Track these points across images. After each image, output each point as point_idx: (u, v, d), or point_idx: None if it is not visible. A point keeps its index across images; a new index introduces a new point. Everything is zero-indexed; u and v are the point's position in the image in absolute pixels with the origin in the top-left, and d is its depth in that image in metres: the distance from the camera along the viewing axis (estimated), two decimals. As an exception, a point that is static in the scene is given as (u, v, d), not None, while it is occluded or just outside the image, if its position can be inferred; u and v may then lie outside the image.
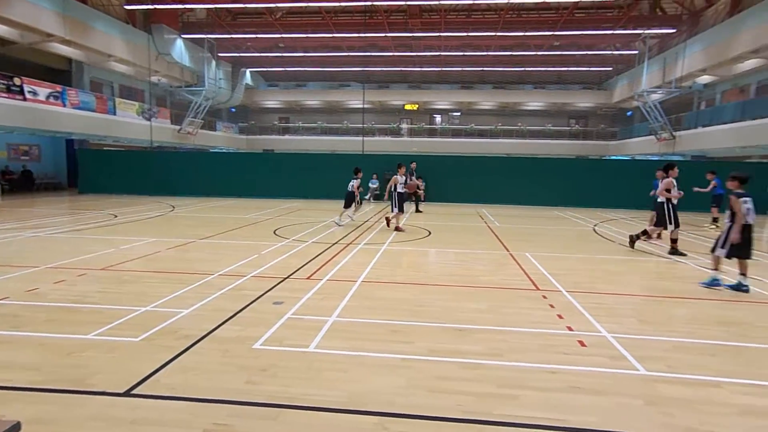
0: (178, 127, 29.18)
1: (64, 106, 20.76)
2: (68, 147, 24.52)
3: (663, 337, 4.40)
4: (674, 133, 26.40)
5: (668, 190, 8.53)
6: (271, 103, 42.67)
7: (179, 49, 28.71)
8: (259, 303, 5.16)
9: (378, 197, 20.29)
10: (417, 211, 16.37)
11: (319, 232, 10.81)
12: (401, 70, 38.46)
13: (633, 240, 9.39)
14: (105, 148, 25.05)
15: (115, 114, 24.21)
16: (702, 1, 25.87)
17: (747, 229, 6.13)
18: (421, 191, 15.54)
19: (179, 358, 3.67)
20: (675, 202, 8.63)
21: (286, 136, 39.78)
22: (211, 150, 33.00)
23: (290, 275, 6.48)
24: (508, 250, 8.91)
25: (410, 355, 3.83)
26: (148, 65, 25.99)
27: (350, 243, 9.35)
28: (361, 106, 36.62)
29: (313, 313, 4.83)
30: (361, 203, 13.29)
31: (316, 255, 7.97)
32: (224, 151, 34.23)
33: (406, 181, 11.78)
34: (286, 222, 12.51)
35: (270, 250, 8.38)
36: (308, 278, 6.36)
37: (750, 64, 22.56)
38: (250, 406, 2.98)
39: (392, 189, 11.33)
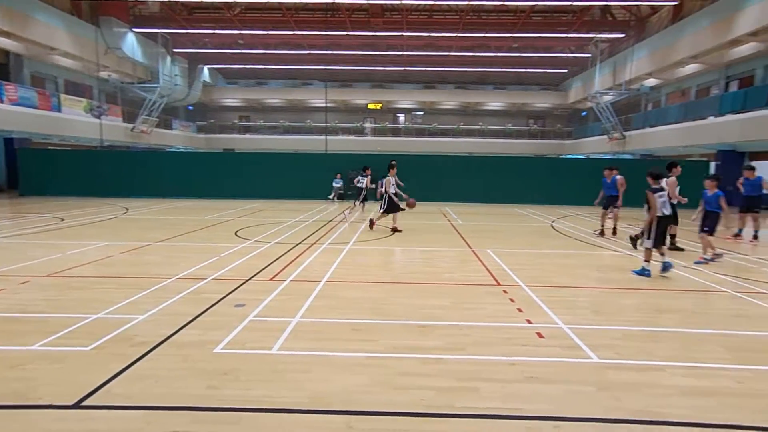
0: (131, 126, 28.00)
1: (1, 101, 19.43)
2: (7, 146, 22.92)
3: (614, 326, 4.64)
4: (624, 132, 27.73)
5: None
6: (231, 101, 41.67)
7: (131, 43, 27.53)
8: (220, 306, 5.05)
9: (342, 197, 20.20)
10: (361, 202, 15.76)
11: (282, 232, 10.66)
12: (364, 69, 38.48)
13: (634, 240, 9.21)
14: (50, 148, 23.64)
15: (60, 111, 22.92)
16: (647, 8, 27.29)
17: (666, 220, 6.74)
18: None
19: (134, 366, 3.53)
20: (675, 201, 8.29)
21: (247, 135, 38.99)
22: (168, 149, 31.83)
23: (252, 277, 6.37)
24: (470, 247, 9.10)
25: (374, 353, 3.85)
26: (96, 60, 24.77)
27: (314, 243, 9.28)
28: (324, 104, 36.35)
29: (276, 315, 4.77)
30: (363, 203, 13.18)
31: (280, 256, 7.86)
32: (181, 150, 33.10)
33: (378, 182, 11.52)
34: (248, 223, 12.26)
35: (231, 251, 8.19)
36: (271, 279, 6.27)
37: (690, 68, 24.03)
38: (211, 412, 2.91)
39: (384, 190, 10.96)
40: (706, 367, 3.67)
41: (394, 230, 11.00)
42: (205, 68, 37.61)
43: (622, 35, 29.26)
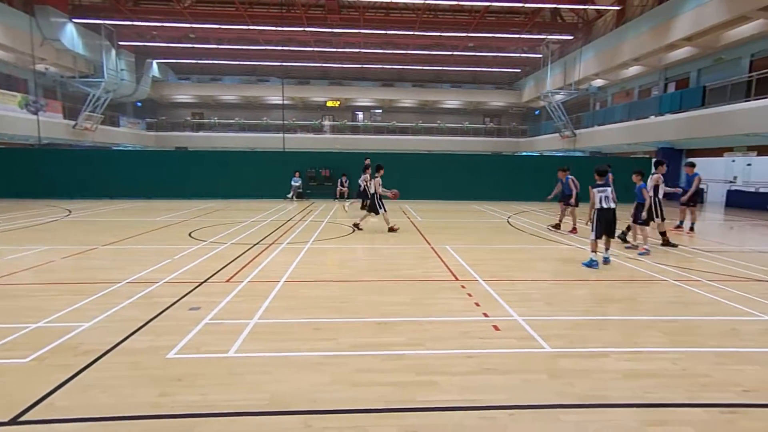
0: (72, 123, 26.37)
1: None
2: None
3: (565, 316, 4.85)
4: (575, 131, 28.96)
5: (657, 186, 8.96)
6: (183, 97, 40.14)
7: (70, 34, 25.89)
8: (174, 310, 4.87)
9: (300, 195, 19.95)
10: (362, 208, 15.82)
11: (239, 232, 10.40)
12: (322, 66, 38.14)
13: (623, 238, 9.53)
14: (-19, 146, 21.93)
15: (-10, 106, 21.26)
16: (593, 12, 28.61)
17: (606, 213, 7.21)
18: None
19: (79, 376, 3.35)
20: (661, 197, 8.96)
21: (201, 133, 37.67)
22: (114, 148, 30.25)
23: (208, 279, 6.18)
24: (429, 244, 9.23)
25: (333, 351, 3.84)
26: (32, 52, 23.13)
27: (273, 243, 9.12)
28: (281, 102, 35.70)
29: (233, 317, 4.66)
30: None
31: (236, 257, 7.67)
32: (130, 148, 31.55)
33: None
34: (203, 224, 11.88)
35: (185, 253, 7.91)
36: (228, 281, 6.11)
37: (633, 70, 25.43)
38: (164, 419, 2.81)
39: (373, 191, 10.65)
40: (646, 351, 3.91)
41: (391, 229, 10.74)
42: (154, 63, 36.00)
43: (571, 37, 30.53)
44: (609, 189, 7.31)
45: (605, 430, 2.74)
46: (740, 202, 18.26)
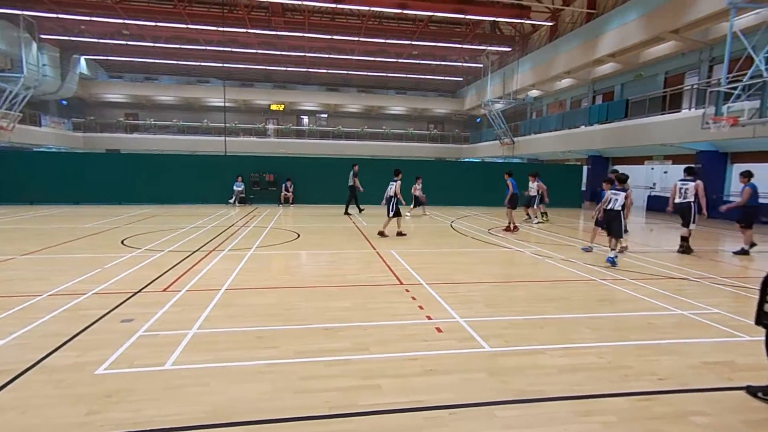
0: (-15, 121, 23.96)
1: None
2: None
3: (504, 316, 5.07)
4: (514, 138, 30.34)
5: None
6: (115, 96, 37.78)
7: (-16, 25, 23.61)
8: (104, 323, 4.57)
9: (243, 201, 19.39)
10: (359, 210, 16.83)
11: (177, 239, 9.94)
12: (265, 69, 37.37)
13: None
14: None
15: None
16: (529, 26, 30.24)
17: (608, 214, 8.12)
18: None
19: (-7, 398, 3.06)
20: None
21: (135, 135, 35.55)
22: (35, 149, 27.86)
23: (142, 289, 5.86)
24: (374, 249, 9.30)
25: (276, 359, 3.78)
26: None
27: (214, 249, 8.80)
28: (222, 104, 34.52)
29: (170, 328, 4.45)
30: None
31: (174, 264, 7.32)
32: (54, 150, 29.17)
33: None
34: (137, 230, 11.23)
35: (117, 262, 7.44)
36: (164, 290, 5.82)
37: (565, 82, 27.14)
38: (91, 441, 2.63)
39: (392, 195, 10.92)
40: (577, 347, 4.18)
41: (399, 233, 11.06)
42: (82, 59, 33.62)
43: (509, 49, 32.05)
44: (622, 194, 8.04)
45: (538, 423, 2.90)
46: (659, 206, 19.94)
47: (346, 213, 16.37)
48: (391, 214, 10.85)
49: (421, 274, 6.99)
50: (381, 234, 11.00)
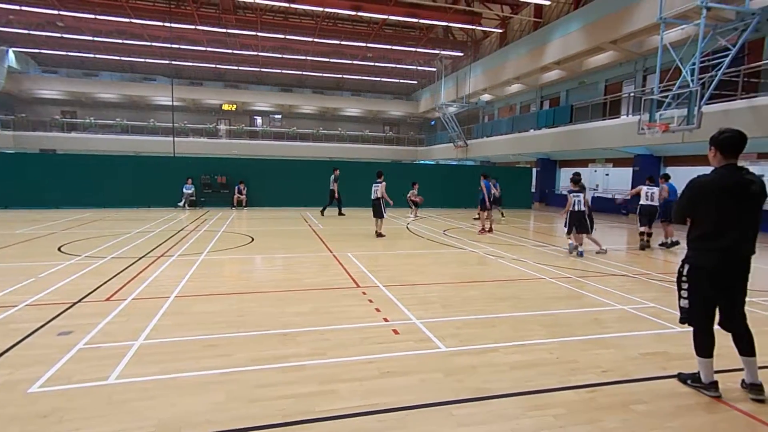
0: None
1: None
2: None
3: (459, 316, 5.18)
4: (467, 141, 31.11)
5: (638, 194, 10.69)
6: (50, 92, 35.27)
7: None
8: (38, 336, 4.25)
9: (193, 204, 18.68)
10: (340, 213, 17.12)
11: (121, 245, 9.42)
12: (216, 67, 36.22)
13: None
14: None
15: None
16: (480, 32, 31.14)
17: (574, 214, 9.07)
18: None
19: None
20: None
21: (73, 134, 33.29)
22: (-42, 148, 25.53)
23: (82, 299, 5.50)
24: (331, 252, 9.23)
25: (230, 368, 3.66)
26: None
27: (162, 255, 8.41)
28: (170, 103, 33.10)
29: (113, 340, 4.20)
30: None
31: (118, 272, 6.94)
32: (-21, 149, 26.84)
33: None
34: (76, 236, 10.55)
35: (53, 271, 6.95)
36: (107, 300, 5.50)
37: (515, 87, 28.13)
38: (23, 465, 2.44)
39: (379, 196, 11.46)
40: (528, 344, 4.33)
41: (379, 235, 11.49)
42: (11, 51, 31.16)
43: (461, 54, 32.85)
44: (581, 194, 9.03)
45: (491, 419, 2.98)
46: (601, 206, 21.11)
47: (340, 214, 16.99)
48: (384, 215, 11.53)
49: (377, 277, 7.01)
50: (378, 235, 11.46)
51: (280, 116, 41.43)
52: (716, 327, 3.33)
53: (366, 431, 2.82)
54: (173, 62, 33.00)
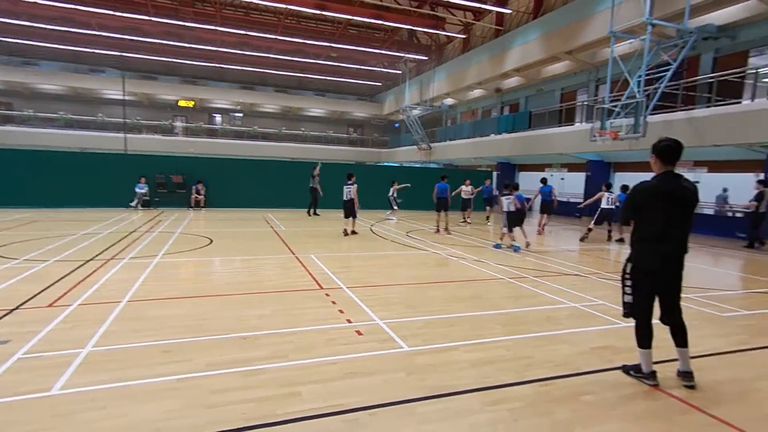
0: None
1: None
2: None
3: (421, 316, 5.24)
4: (431, 144, 31.51)
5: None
6: (-19, 82, 32.58)
7: None
8: (-28, 345, 3.95)
9: (147, 204, 17.92)
10: (314, 213, 17.29)
11: (66, 247, 8.91)
12: (172, 62, 34.88)
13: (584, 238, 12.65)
14: None
15: None
16: (444, 37, 31.66)
17: (507, 215, 10.25)
18: None
19: None
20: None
21: (9, 127, 30.83)
22: None
23: (21, 305, 5.16)
24: (293, 253, 9.11)
25: (187, 373, 3.54)
26: None
27: (112, 258, 8.02)
28: (121, 97, 31.58)
29: (57, 348, 3.96)
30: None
31: (62, 276, 6.55)
32: None
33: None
34: (14, 237, 9.89)
35: (-11, 274, 6.48)
36: (50, 306, 5.18)
37: (477, 92, 28.81)
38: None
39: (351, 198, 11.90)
40: (487, 342, 4.45)
41: (352, 232, 12.08)
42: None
43: (426, 58, 33.29)
44: (510, 197, 10.08)
45: (451, 416, 3.04)
46: (557, 210, 21.95)
47: (315, 214, 17.27)
48: (356, 215, 12.01)
49: (341, 278, 6.99)
50: (352, 232, 12.08)
51: (240, 114, 40.45)
52: (655, 321, 3.57)
53: (328, 433, 2.81)
54: (124, 54, 31.49)
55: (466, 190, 15.94)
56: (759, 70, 13.42)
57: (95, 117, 33.17)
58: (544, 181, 14.35)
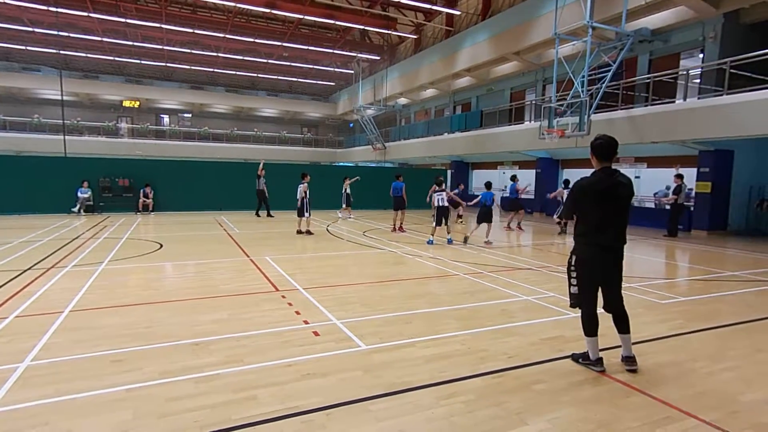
0: None
1: None
2: None
3: (378, 315, 5.31)
4: (385, 143, 31.70)
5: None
6: None
7: None
8: None
9: (90, 209, 16.98)
10: (269, 215, 17.11)
11: (1, 256, 8.30)
12: (114, 60, 33.18)
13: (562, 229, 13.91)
14: None
15: None
16: (396, 37, 31.94)
17: (439, 210, 10.86)
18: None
19: None
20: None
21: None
22: None
23: (-50, 320, 4.78)
24: (248, 256, 8.94)
25: (137, 383, 3.42)
26: None
27: (52, 266, 7.56)
28: (59, 97, 29.64)
29: (-8, 364, 3.72)
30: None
31: (-4, 288, 6.11)
32: None
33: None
34: (-59, 248, 9.10)
35: None
36: (-17, 320, 4.83)
37: (429, 92, 29.26)
38: None
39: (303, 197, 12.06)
40: (443, 337, 4.57)
41: (306, 232, 12.29)
42: None
43: (378, 58, 33.45)
44: (443, 193, 10.87)
45: (407, 411, 3.12)
46: (510, 206, 22.73)
47: (269, 215, 17.20)
48: (307, 214, 12.10)
49: (297, 280, 6.94)
50: (307, 232, 12.26)
51: (189, 115, 39.04)
52: (600, 310, 3.80)
53: (286, 435, 2.81)
54: (61, 51, 29.61)
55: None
56: (689, 71, 14.49)
57: (31, 118, 31.01)
58: (488, 185, 14.38)
